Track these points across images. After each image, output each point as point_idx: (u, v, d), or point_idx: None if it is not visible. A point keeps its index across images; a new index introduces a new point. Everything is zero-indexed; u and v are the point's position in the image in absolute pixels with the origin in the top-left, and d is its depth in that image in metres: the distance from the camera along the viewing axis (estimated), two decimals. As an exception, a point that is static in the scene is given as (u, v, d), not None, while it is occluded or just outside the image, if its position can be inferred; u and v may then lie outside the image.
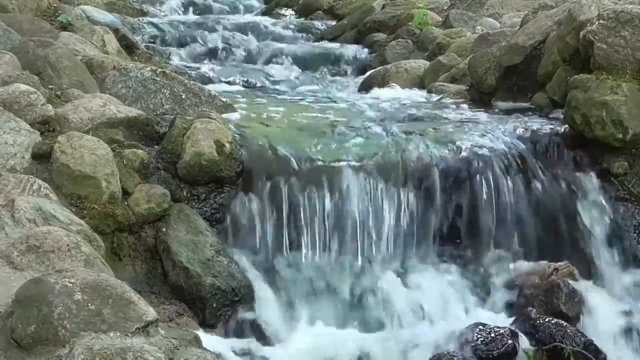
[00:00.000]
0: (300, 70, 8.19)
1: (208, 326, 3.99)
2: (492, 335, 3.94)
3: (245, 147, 4.59)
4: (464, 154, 4.74)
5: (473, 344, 3.90)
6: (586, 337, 4.07)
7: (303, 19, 10.68)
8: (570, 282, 4.38)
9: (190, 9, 11.06)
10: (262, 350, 3.87)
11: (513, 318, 4.22)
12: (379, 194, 4.53)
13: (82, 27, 6.89)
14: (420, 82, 6.90)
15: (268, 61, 8.36)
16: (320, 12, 10.81)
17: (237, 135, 4.67)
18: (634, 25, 4.78)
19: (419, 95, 6.35)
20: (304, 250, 4.41)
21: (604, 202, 4.71)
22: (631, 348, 4.28)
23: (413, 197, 4.58)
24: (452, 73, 6.65)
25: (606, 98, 4.70)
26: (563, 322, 4.10)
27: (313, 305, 4.24)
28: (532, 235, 4.65)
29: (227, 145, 4.47)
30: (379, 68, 7.52)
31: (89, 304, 2.74)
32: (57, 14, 6.98)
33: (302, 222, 4.42)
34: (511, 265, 4.55)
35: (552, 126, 5.08)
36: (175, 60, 7.99)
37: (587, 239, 4.64)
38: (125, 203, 4.21)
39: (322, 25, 10.04)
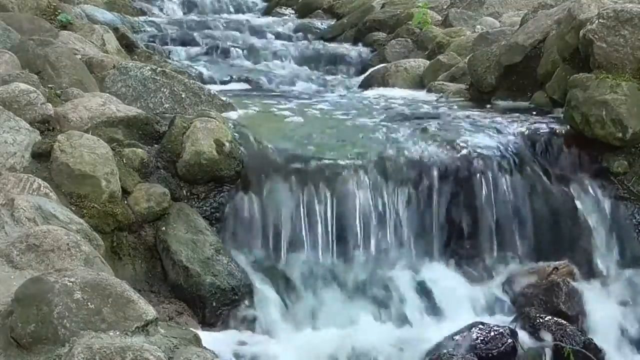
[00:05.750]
0: (299, 69, 8.19)
1: (208, 325, 3.99)
2: (492, 334, 3.94)
3: (245, 146, 4.59)
4: (463, 153, 4.74)
5: (473, 343, 3.90)
6: (586, 336, 4.08)
7: (303, 18, 10.67)
8: (570, 281, 4.39)
9: (190, 8, 11.05)
10: (261, 349, 3.87)
11: (513, 317, 4.22)
12: (379, 193, 4.53)
13: (81, 26, 6.90)
14: (420, 81, 6.90)
15: (267, 60, 8.35)
16: (319, 11, 10.80)
17: (236, 135, 4.67)
18: (634, 24, 4.78)
19: (418, 94, 6.35)
20: (303, 249, 4.41)
21: (603, 201, 4.71)
22: (631, 347, 4.28)
23: (413, 196, 4.58)
24: (452, 72, 6.65)
25: (606, 97, 4.70)
26: (563, 321, 4.11)
27: (313, 303, 4.24)
28: (532, 234, 4.65)
29: (227, 144, 4.47)
30: (379, 67, 7.52)
31: (89, 303, 2.74)
32: (56, 12, 6.99)
33: (302, 221, 4.42)
34: (511, 264, 4.56)
35: (551, 125, 5.08)
36: (174, 59, 7.98)
37: (586, 238, 4.64)
38: (125, 202, 4.21)
39: (321, 24, 10.04)
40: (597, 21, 4.87)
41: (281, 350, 3.90)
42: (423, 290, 4.38)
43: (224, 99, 5.43)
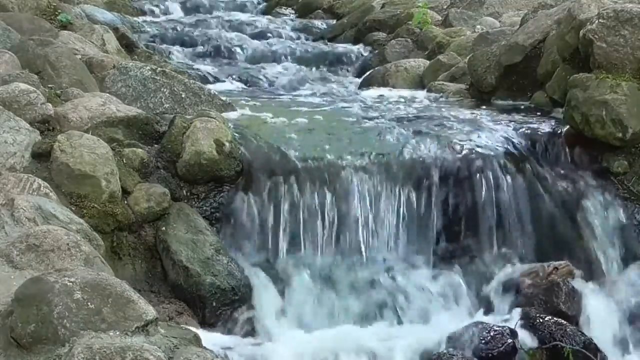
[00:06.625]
0: (299, 69, 8.19)
1: (208, 325, 3.99)
2: (492, 334, 3.94)
3: (245, 146, 4.59)
4: (463, 153, 4.74)
5: (473, 343, 3.90)
6: (586, 336, 4.07)
7: (303, 18, 10.67)
8: (570, 281, 4.39)
9: (190, 8, 11.05)
10: (261, 349, 3.87)
11: (513, 317, 4.22)
12: (379, 193, 4.53)
13: (81, 26, 6.90)
14: (420, 81, 6.90)
15: (267, 60, 8.36)
16: (319, 11, 10.81)
17: (237, 134, 4.67)
18: (634, 24, 4.78)
19: (418, 94, 6.35)
20: (303, 249, 4.41)
21: (603, 201, 4.71)
22: (631, 347, 4.28)
23: (413, 196, 4.58)
24: (452, 72, 6.65)
25: (606, 97, 4.70)
26: (563, 321, 4.10)
27: (313, 303, 4.24)
28: (532, 234, 4.65)
29: (227, 144, 4.47)
30: (379, 67, 7.52)
31: (89, 303, 2.74)
32: (56, 12, 6.99)
33: (302, 221, 4.42)
34: (511, 264, 4.55)
35: (551, 125, 5.08)
36: (174, 59, 7.98)
37: (586, 238, 4.64)
38: (125, 202, 4.21)
39: (321, 24, 10.04)
40: (597, 21, 4.88)
41: (281, 350, 3.89)
42: (423, 290, 4.38)
43: (224, 99, 5.43)
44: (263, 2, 11.90)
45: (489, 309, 4.38)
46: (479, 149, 4.77)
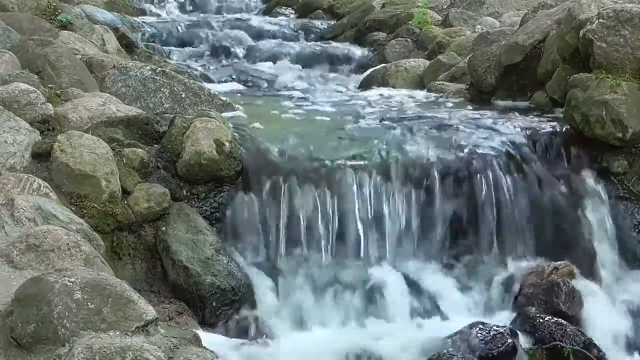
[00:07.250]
0: (299, 69, 8.19)
1: (208, 325, 4.00)
2: (492, 334, 3.93)
3: (245, 146, 4.59)
4: (464, 153, 4.74)
5: (473, 343, 3.90)
6: (586, 336, 4.07)
7: (303, 18, 10.66)
8: (570, 281, 4.38)
9: (190, 8, 11.05)
10: (261, 349, 3.87)
11: (513, 317, 4.22)
12: (379, 193, 4.53)
13: (81, 26, 6.90)
14: (420, 81, 6.90)
15: (268, 60, 8.35)
16: (319, 11, 10.80)
17: (236, 134, 4.67)
18: (634, 24, 4.78)
19: (418, 94, 6.35)
20: (303, 249, 4.41)
21: (603, 201, 4.71)
22: (631, 347, 4.28)
23: (413, 196, 4.58)
24: (452, 72, 6.65)
25: (606, 97, 4.70)
26: (563, 321, 4.10)
27: (312, 304, 4.24)
28: (532, 234, 4.65)
29: (227, 144, 4.47)
30: (379, 67, 7.52)
31: (89, 303, 2.74)
32: (56, 12, 6.99)
33: (302, 221, 4.42)
34: (511, 264, 4.55)
35: (551, 125, 5.08)
36: (174, 59, 7.98)
37: (586, 238, 4.64)
38: (125, 202, 4.21)
39: (321, 24, 10.03)
40: (597, 21, 4.87)
41: (280, 350, 3.90)
42: (423, 290, 4.38)
43: (223, 99, 5.43)
44: (263, 3, 11.89)
45: (489, 308, 4.38)
46: (478, 149, 4.77)
